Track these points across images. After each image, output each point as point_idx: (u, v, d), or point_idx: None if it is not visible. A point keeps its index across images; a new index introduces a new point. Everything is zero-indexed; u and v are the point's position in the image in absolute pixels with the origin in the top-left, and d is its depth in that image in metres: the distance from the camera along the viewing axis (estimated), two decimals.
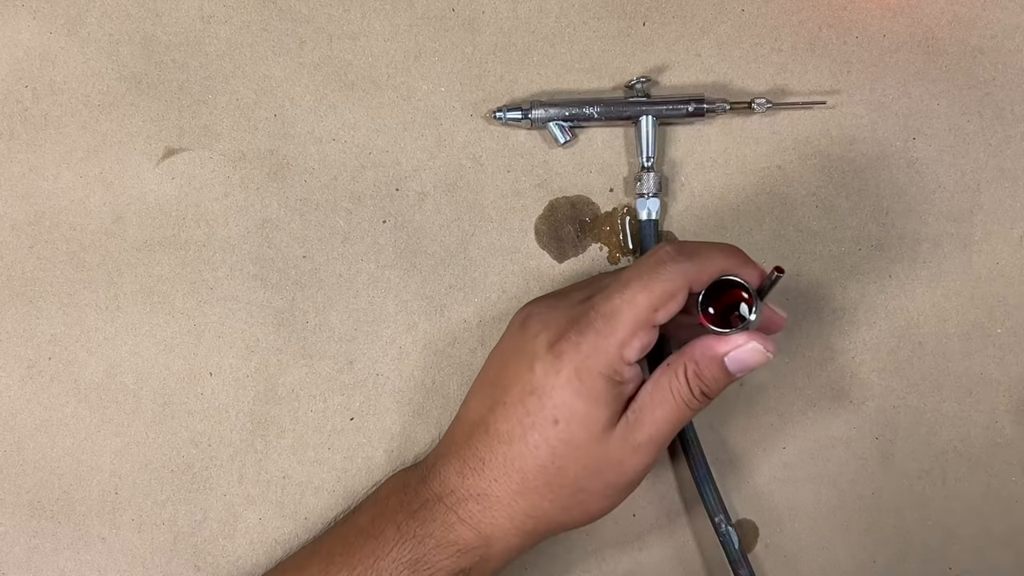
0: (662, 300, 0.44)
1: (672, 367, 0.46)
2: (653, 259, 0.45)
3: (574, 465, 0.45)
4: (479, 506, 0.46)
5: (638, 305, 0.44)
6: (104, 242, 0.54)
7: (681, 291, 0.44)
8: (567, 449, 0.45)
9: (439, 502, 0.47)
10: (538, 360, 0.45)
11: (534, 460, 0.45)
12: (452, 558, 0.46)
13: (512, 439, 0.45)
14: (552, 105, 0.53)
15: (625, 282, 0.45)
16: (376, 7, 0.55)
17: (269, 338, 0.54)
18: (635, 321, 0.44)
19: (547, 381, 0.45)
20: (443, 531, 0.46)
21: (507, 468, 0.46)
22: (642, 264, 0.45)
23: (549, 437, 0.45)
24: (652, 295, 0.44)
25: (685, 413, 0.46)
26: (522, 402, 0.45)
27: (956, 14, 0.55)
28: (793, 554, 0.54)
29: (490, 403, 0.46)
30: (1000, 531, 0.54)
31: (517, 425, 0.45)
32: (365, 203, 0.54)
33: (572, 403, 0.44)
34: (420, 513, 0.47)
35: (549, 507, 0.46)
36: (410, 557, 0.46)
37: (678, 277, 0.44)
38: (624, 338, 0.44)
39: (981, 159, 0.54)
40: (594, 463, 0.45)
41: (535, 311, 0.47)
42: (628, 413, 0.45)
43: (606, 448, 0.45)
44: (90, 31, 0.54)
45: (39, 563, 0.53)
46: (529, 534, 0.47)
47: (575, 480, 0.45)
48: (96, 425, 0.53)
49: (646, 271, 0.45)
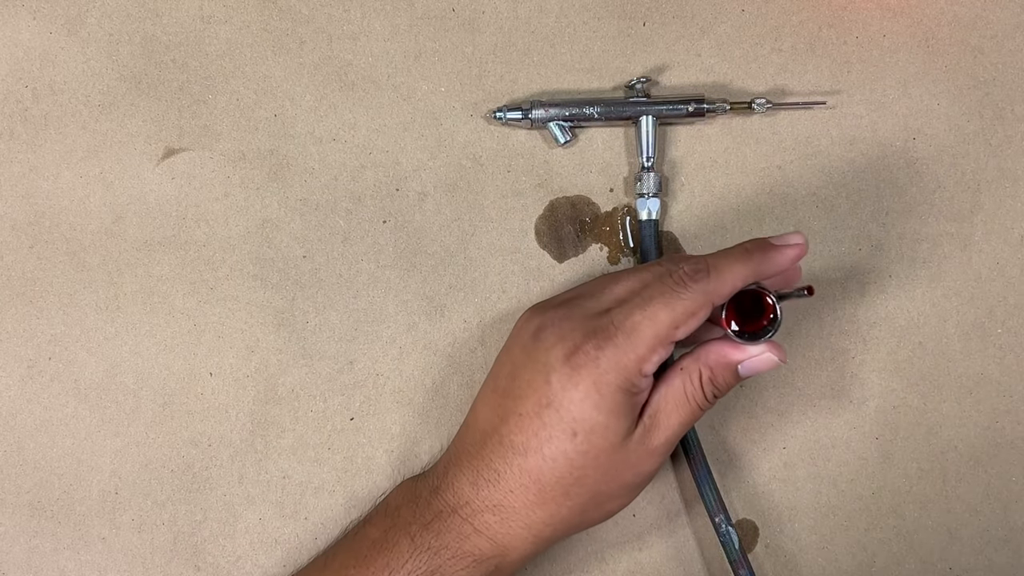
0: (684, 319, 0.44)
1: (686, 371, 0.46)
2: (676, 277, 0.45)
3: (593, 473, 0.45)
4: (496, 517, 0.46)
5: (660, 323, 0.44)
6: (104, 242, 0.54)
7: (703, 309, 0.45)
8: (586, 460, 0.45)
9: (454, 514, 0.46)
10: (554, 372, 0.45)
11: (552, 472, 0.45)
12: (467, 568, 0.46)
13: (528, 451, 0.45)
14: (552, 105, 0.53)
15: (647, 299, 0.45)
16: (376, 7, 0.55)
17: (269, 338, 0.54)
18: (656, 338, 0.44)
19: (564, 394, 0.44)
20: (459, 542, 0.46)
21: (523, 480, 0.45)
22: (663, 279, 0.45)
23: (567, 450, 0.45)
24: (675, 314, 0.44)
25: (697, 414, 0.47)
26: (538, 415, 0.45)
27: (956, 14, 0.55)
28: (793, 554, 0.54)
29: (502, 413, 0.46)
30: (1000, 531, 0.54)
31: (533, 437, 0.45)
32: (365, 203, 0.54)
33: (591, 416, 0.44)
34: (434, 524, 0.46)
35: (567, 514, 0.46)
36: (426, 568, 0.46)
37: (700, 296, 0.45)
38: (644, 354, 0.44)
39: (981, 159, 0.54)
40: (613, 469, 0.45)
41: (549, 321, 0.46)
42: (644, 418, 0.46)
43: (624, 455, 0.45)
44: (90, 31, 0.54)
45: (39, 563, 0.53)
46: (546, 540, 0.47)
47: (594, 486, 0.45)
48: (96, 425, 0.53)
49: (669, 289, 0.45)
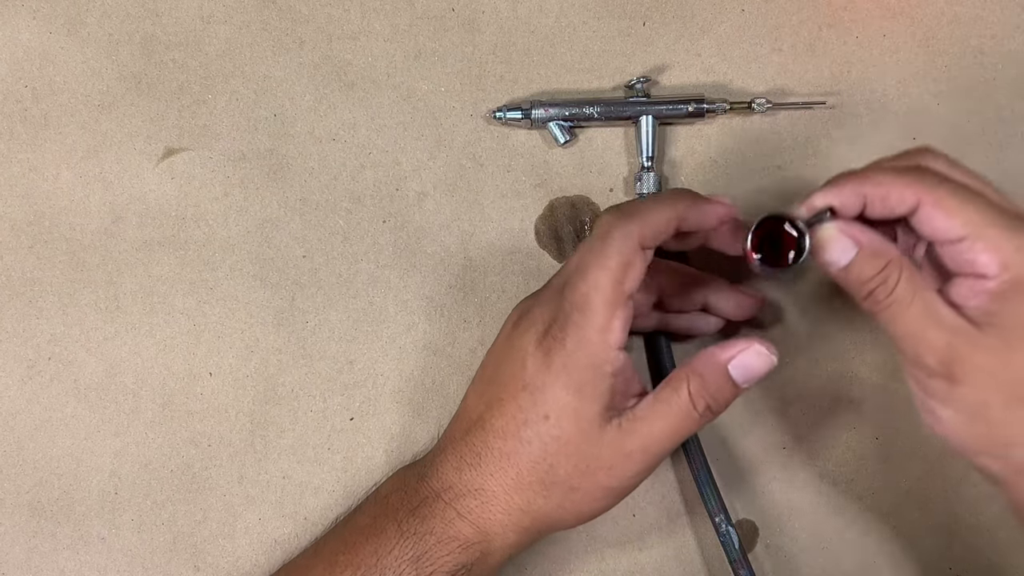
0: (622, 271, 0.44)
1: (674, 381, 0.45)
2: (599, 232, 0.45)
3: (565, 462, 0.45)
4: (476, 501, 0.46)
5: (603, 286, 0.44)
6: (104, 242, 0.54)
7: (635, 254, 0.44)
8: (558, 445, 0.45)
9: (438, 498, 0.47)
10: (529, 356, 0.45)
11: (527, 456, 0.45)
12: (453, 554, 0.46)
13: (507, 435, 0.45)
14: (552, 105, 0.53)
15: (584, 267, 0.45)
16: (376, 7, 0.55)
17: (269, 338, 0.54)
18: (606, 303, 0.44)
19: (538, 377, 0.45)
20: (443, 527, 0.46)
21: (502, 463, 0.46)
22: (592, 241, 0.45)
23: (541, 432, 0.45)
24: (611, 271, 0.44)
25: (684, 427, 0.45)
26: (515, 398, 0.45)
27: (956, 14, 0.55)
28: (793, 554, 0.54)
29: (487, 400, 0.47)
30: (1000, 531, 0.54)
31: (511, 421, 0.45)
32: (365, 203, 0.54)
33: (562, 398, 0.44)
34: (420, 510, 0.47)
35: (544, 503, 0.46)
36: (412, 554, 0.46)
37: (626, 241, 0.44)
38: (602, 323, 0.44)
39: (981, 159, 0.54)
40: (584, 463, 0.45)
41: (526, 308, 0.47)
42: (622, 420, 0.45)
43: (597, 449, 0.45)
44: (90, 31, 0.54)
45: (39, 563, 0.53)
46: (526, 530, 0.47)
47: (567, 478, 0.45)
48: (96, 425, 0.53)
49: (597, 248, 0.45)
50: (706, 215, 0.46)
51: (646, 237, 0.44)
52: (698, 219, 0.46)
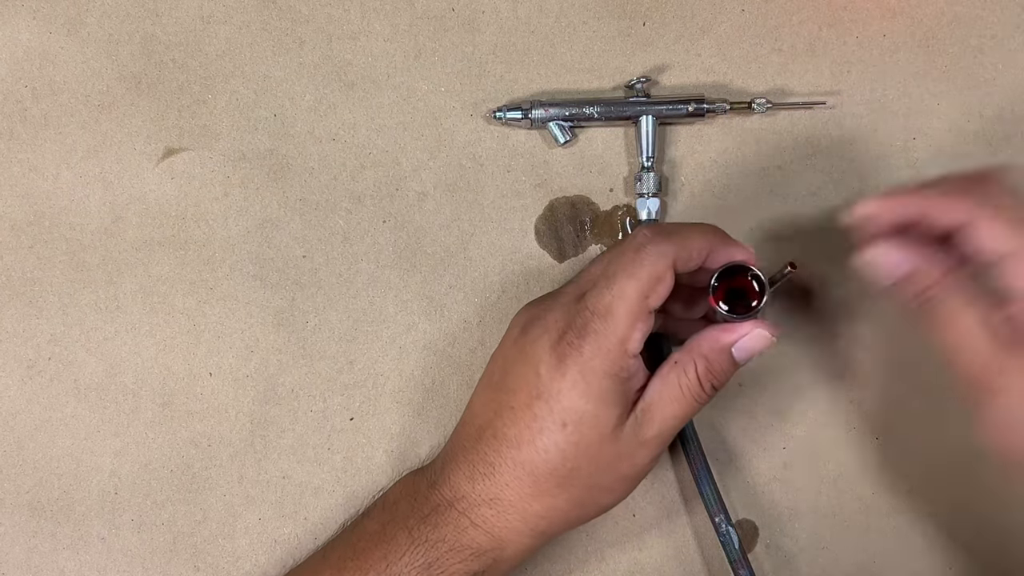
0: (651, 286, 0.44)
1: (681, 364, 0.46)
2: (633, 245, 0.45)
3: (586, 465, 0.45)
4: (492, 511, 0.46)
5: (629, 297, 0.44)
6: (104, 242, 0.54)
7: (667, 272, 0.45)
8: (578, 451, 0.45)
9: (451, 507, 0.46)
10: (542, 364, 0.45)
11: (545, 464, 0.45)
12: (465, 562, 0.46)
13: (521, 443, 0.45)
14: (552, 105, 0.53)
15: (611, 276, 0.45)
16: (376, 7, 0.55)
17: (269, 338, 0.54)
18: (630, 313, 0.44)
19: (553, 385, 0.45)
20: (456, 535, 0.46)
21: (518, 472, 0.45)
22: (623, 252, 0.45)
23: (559, 441, 0.45)
24: (640, 283, 0.44)
25: (694, 407, 0.47)
26: (529, 406, 0.45)
27: (956, 14, 0.55)
28: (793, 554, 0.54)
29: (496, 407, 0.46)
30: (1000, 532, 0.54)
31: (525, 430, 0.45)
32: (365, 203, 0.54)
33: (580, 406, 0.44)
34: (432, 518, 0.46)
35: (564, 506, 0.46)
36: (423, 561, 0.46)
37: (661, 259, 0.44)
38: (624, 333, 0.44)
39: (981, 159, 0.54)
40: (605, 460, 0.45)
41: (535, 313, 0.47)
42: (637, 411, 0.46)
43: (616, 445, 0.45)
44: (90, 31, 0.54)
45: (39, 563, 0.53)
46: (543, 534, 0.47)
47: (588, 477, 0.45)
48: (96, 425, 0.53)
49: (628, 259, 0.45)
50: (731, 257, 0.46)
51: (680, 260, 0.45)
52: (725, 258, 0.46)
